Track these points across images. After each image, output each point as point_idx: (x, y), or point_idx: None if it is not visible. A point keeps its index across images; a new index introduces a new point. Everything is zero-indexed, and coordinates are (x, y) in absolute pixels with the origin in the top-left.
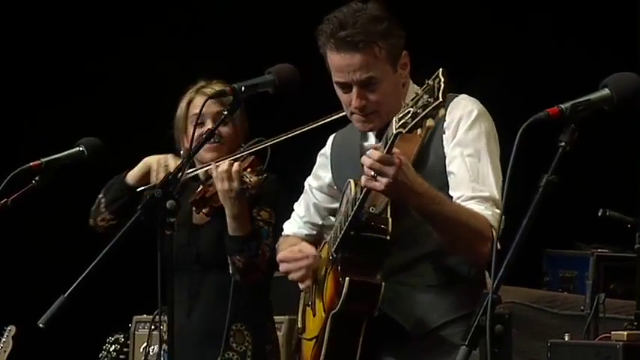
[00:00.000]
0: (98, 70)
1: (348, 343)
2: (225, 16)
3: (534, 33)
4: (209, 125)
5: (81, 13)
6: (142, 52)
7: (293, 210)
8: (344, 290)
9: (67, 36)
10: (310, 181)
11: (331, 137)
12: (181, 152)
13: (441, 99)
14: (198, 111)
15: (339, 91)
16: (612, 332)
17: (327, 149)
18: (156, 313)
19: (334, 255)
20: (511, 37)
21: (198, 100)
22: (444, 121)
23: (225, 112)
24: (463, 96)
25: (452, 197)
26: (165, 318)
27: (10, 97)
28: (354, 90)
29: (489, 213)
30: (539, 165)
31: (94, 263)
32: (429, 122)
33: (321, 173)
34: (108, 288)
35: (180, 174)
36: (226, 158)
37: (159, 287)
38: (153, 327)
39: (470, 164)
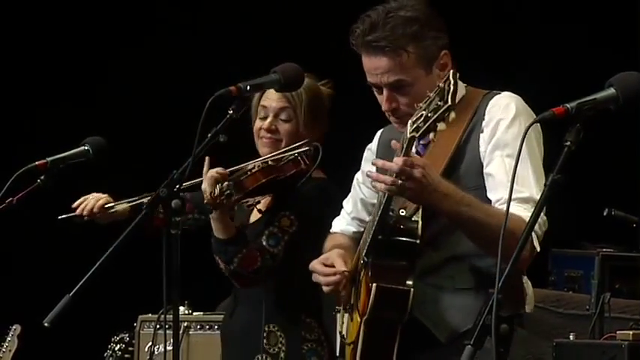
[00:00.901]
0: (98, 70)
1: (383, 348)
2: (227, 17)
3: (536, 32)
4: (270, 119)
5: (81, 14)
6: (143, 52)
7: (342, 207)
8: (371, 297)
9: (67, 36)
10: (358, 176)
11: (379, 132)
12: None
13: (449, 102)
14: (265, 103)
15: (374, 91)
16: (617, 332)
17: (373, 144)
18: (161, 312)
19: (365, 259)
20: (513, 37)
21: (271, 93)
22: (484, 119)
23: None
24: (504, 93)
25: (490, 200)
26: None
27: (10, 97)
28: (384, 93)
29: (527, 215)
30: (546, 164)
31: (99, 262)
32: (441, 126)
33: (367, 168)
34: (113, 287)
35: (185, 173)
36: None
37: (164, 286)
38: (158, 326)
39: (509, 165)
